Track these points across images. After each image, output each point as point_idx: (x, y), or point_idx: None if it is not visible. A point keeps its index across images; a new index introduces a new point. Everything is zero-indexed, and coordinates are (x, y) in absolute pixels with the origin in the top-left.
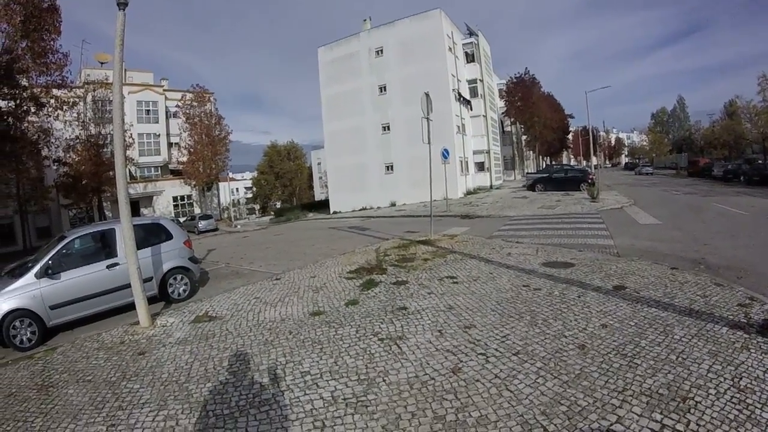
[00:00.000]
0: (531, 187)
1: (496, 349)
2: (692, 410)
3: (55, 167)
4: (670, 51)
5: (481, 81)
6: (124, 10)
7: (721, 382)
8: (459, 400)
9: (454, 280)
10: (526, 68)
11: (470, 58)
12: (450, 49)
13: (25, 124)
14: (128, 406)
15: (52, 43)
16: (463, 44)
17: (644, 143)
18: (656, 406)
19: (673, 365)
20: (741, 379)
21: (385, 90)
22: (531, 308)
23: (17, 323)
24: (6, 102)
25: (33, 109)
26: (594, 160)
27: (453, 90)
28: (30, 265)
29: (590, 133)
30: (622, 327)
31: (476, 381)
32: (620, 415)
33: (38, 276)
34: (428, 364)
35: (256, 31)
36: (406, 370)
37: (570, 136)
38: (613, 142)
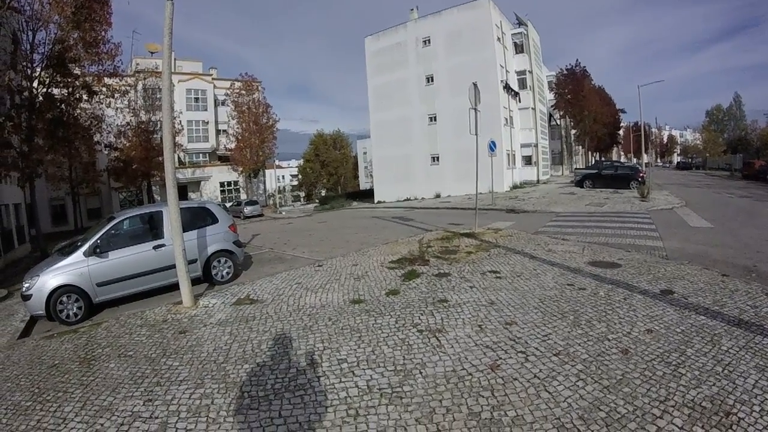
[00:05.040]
0: (579, 183)
1: (536, 348)
2: (734, 426)
3: (106, 152)
4: (727, 46)
5: (530, 72)
6: None
7: (766, 398)
8: (495, 397)
9: (497, 275)
10: (577, 60)
11: (519, 48)
12: (498, 39)
13: (78, 111)
14: (166, 383)
15: (103, 33)
16: (512, 34)
17: (698, 142)
18: (698, 420)
19: (718, 377)
20: None
21: (432, 80)
22: (574, 308)
23: (64, 298)
24: (59, 90)
25: (85, 97)
26: (645, 158)
27: (501, 81)
28: (79, 243)
29: (642, 129)
30: (668, 333)
31: (514, 380)
32: (660, 426)
33: (87, 254)
34: (466, 359)
35: (306, 21)
36: (444, 364)
37: (621, 132)
38: (665, 139)
